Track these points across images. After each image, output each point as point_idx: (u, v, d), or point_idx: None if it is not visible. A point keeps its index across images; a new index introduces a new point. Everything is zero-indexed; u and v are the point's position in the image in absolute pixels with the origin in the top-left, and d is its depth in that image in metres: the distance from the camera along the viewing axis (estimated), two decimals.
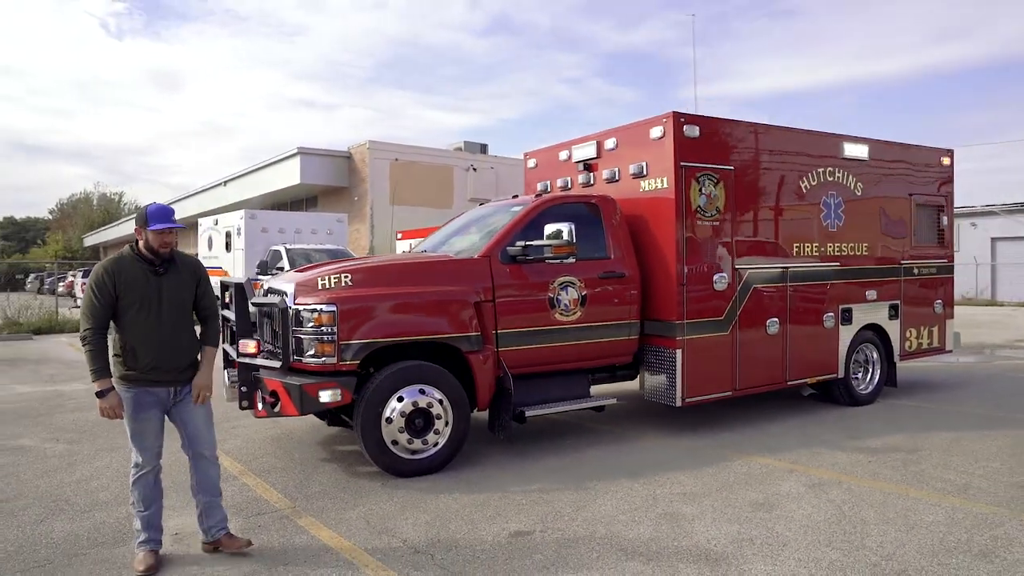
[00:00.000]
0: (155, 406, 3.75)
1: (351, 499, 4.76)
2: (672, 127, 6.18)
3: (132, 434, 3.75)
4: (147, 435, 3.75)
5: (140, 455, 3.75)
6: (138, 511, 3.75)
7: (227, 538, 3.90)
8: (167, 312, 3.74)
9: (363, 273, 5.42)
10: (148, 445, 3.75)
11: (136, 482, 3.74)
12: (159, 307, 3.72)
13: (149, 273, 3.72)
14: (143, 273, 3.71)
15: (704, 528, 4.15)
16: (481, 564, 3.70)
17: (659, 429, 6.71)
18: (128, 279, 3.67)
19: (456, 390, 5.35)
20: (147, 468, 3.75)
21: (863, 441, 6.13)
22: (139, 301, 3.67)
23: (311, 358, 5.08)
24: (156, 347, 3.69)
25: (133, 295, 3.66)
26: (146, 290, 3.69)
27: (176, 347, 3.77)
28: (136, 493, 3.74)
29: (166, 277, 3.77)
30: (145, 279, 3.71)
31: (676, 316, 6.21)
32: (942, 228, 8.40)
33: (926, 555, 3.73)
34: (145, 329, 3.68)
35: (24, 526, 4.32)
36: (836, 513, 4.38)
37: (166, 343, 3.72)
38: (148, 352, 3.68)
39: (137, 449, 3.75)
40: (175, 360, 3.77)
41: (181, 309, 3.83)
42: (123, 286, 3.66)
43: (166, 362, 3.73)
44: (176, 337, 3.78)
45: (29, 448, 6.21)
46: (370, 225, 25.28)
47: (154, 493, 3.79)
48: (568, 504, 4.60)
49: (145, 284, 3.70)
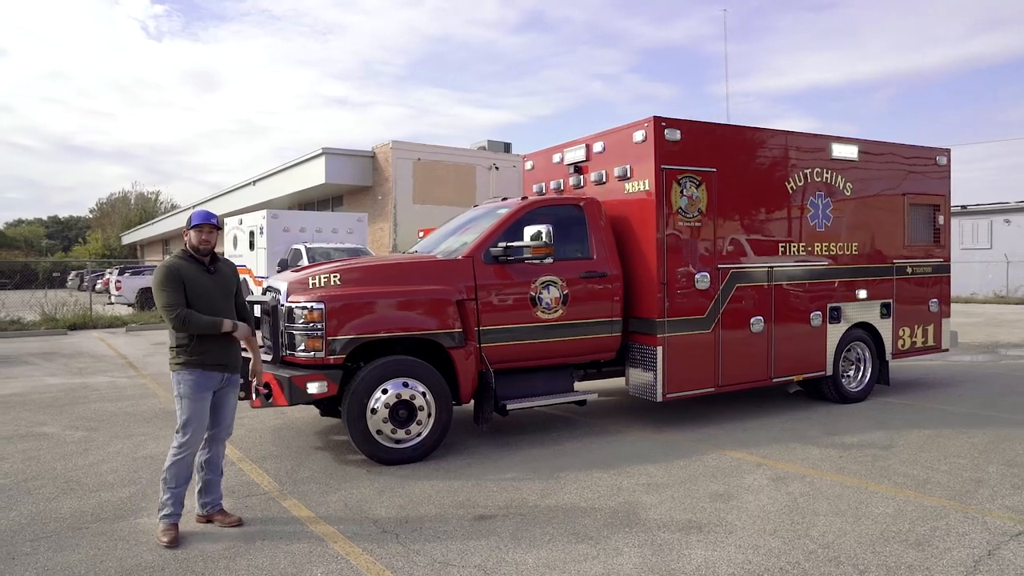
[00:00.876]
0: (211, 389, 4.19)
1: (335, 484, 5.10)
2: (653, 131, 6.38)
3: (190, 414, 4.10)
4: (202, 416, 4.15)
5: (191, 435, 4.10)
6: (170, 487, 4.08)
7: (220, 514, 4.32)
8: (222, 304, 4.24)
9: (351, 273, 5.75)
10: (200, 427, 4.15)
11: (179, 461, 4.09)
12: (216, 300, 4.20)
13: (203, 271, 4.21)
14: (198, 271, 4.19)
15: (658, 516, 4.38)
16: (439, 543, 3.99)
17: (643, 424, 6.92)
18: (189, 275, 4.14)
19: (439, 383, 5.65)
20: (193, 448, 4.15)
21: (840, 437, 6.27)
22: (199, 295, 4.13)
23: (301, 352, 5.44)
24: (217, 336, 4.15)
25: (193, 288, 4.12)
26: (204, 286, 4.16)
27: (231, 338, 4.24)
28: (173, 471, 4.09)
29: (216, 276, 4.27)
30: (201, 276, 4.19)
31: (657, 314, 6.42)
32: (938, 227, 8.42)
33: (863, 544, 3.91)
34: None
35: (38, 502, 4.75)
36: (790, 504, 4.57)
37: (225, 334, 4.18)
38: (211, 340, 4.14)
39: (191, 429, 4.09)
40: (232, 347, 4.27)
41: (231, 302, 4.35)
42: (187, 280, 4.11)
43: (225, 348, 4.22)
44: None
45: (51, 435, 6.70)
46: (393, 223, 25.77)
47: (189, 473, 4.19)
48: (535, 492, 4.87)
49: (200, 281, 4.17)
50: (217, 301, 4.22)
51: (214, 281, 4.25)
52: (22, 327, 16.51)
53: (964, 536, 3.99)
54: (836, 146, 7.55)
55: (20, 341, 15.12)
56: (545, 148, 8.18)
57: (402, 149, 25.95)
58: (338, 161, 26.18)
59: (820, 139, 7.49)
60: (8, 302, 17.34)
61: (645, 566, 3.66)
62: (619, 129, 6.86)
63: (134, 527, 4.29)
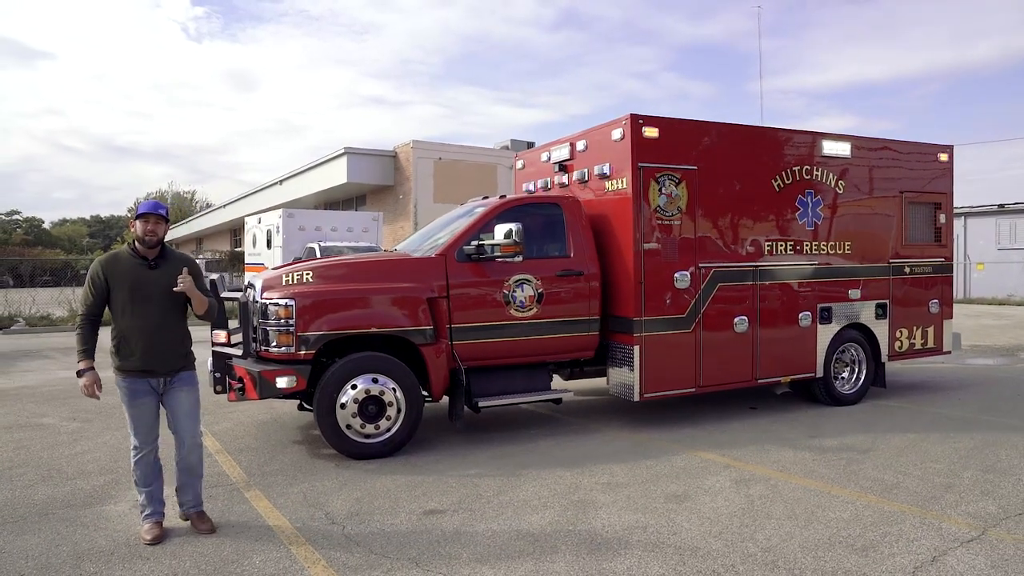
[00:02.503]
0: (149, 394, 4.04)
1: (301, 476, 5.20)
2: (630, 129, 6.35)
3: (129, 419, 4.06)
4: (143, 420, 4.04)
5: (137, 438, 4.05)
6: (140, 488, 4.06)
7: (196, 517, 4.18)
8: (158, 305, 3.98)
9: (324, 270, 5.85)
10: (144, 429, 4.05)
11: (137, 463, 4.05)
12: (150, 300, 3.95)
13: (142, 267, 3.98)
14: (136, 267, 3.97)
15: (607, 516, 4.37)
16: (382, 536, 4.05)
17: (623, 423, 6.89)
18: (120, 272, 3.94)
19: (409, 380, 5.72)
20: (145, 450, 4.06)
21: (820, 440, 6.15)
22: (131, 294, 3.92)
23: (274, 348, 5.56)
24: (147, 338, 3.95)
25: (124, 288, 3.91)
26: (138, 283, 3.93)
27: (167, 339, 4.03)
28: (137, 473, 4.06)
29: (158, 271, 4.00)
30: (137, 273, 3.96)
31: (634, 313, 6.39)
32: (939, 226, 8.19)
33: (807, 549, 3.84)
34: (136, 321, 3.94)
35: (16, 489, 4.95)
36: (745, 507, 4.51)
37: (157, 334, 3.98)
38: (140, 343, 3.94)
39: (134, 433, 4.05)
40: (166, 351, 4.03)
41: (173, 302, 4.05)
42: (115, 279, 3.93)
43: (157, 353, 3.99)
44: (167, 329, 4.03)
45: (48, 425, 6.96)
46: (413, 223, 25.98)
47: (154, 471, 4.10)
48: (492, 488, 4.89)
49: (137, 277, 3.94)
50: (152, 299, 3.97)
51: (155, 276, 3.98)
52: (51, 323, 17.13)
53: (913, 542, 3.90)
54: (827, 143, 7.39)
55: (46, 336, 15.70)
56: (535, 148, 8.20)
57: (423, 149, 26.17)
58: (360, 161, 26.52)
59: (809, 136, 7.35)
60: (39, 298, 17.98)
61: (576, 565, 3.66)
62: (600, 127, 6.84)
63: (99, 514, 4.44)
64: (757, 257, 7.01)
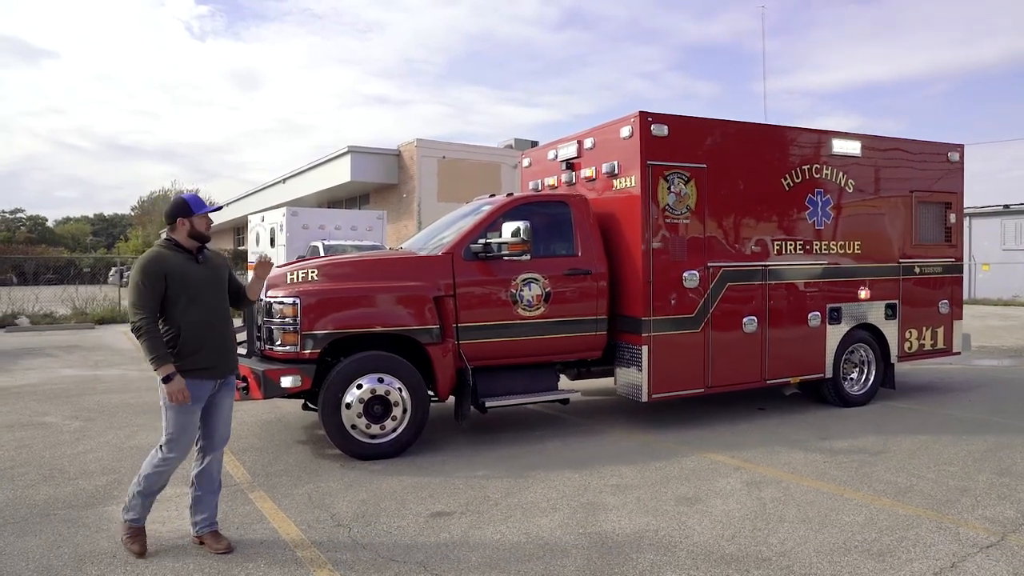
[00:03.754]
0: (202, 399, 3.74)
1: (306, 477, 5.14)
2: (639, 126, 6.27)
3: (177, 427, 3.67)
4: (192, 429, 3.74)
5: (178, 448, 3.70)
6: (145, 497, 3.76)
7: (212, 536, 3.84)
8: (214, 300, 3.78)
9: (329, 268, 5.78)
10: (189, 439, 3.74)
11: (161, 474, 3.73)
12: (206, 296, 3.74)
13: (192, 263, 3.75)
14: (186, 263, 3.73)
15: (617, 518, 4.30)
16: (389, 538, 3.98)
17: (630, 424, 6.81)
18: (174, 269, 3.66)
19: (415, 380, 5.65)
20: (176, 464, 3.75)
21: (831, 442, 6.07)
22: (187, 291, 3.66)
23: (279, 347, 5.49)
24: (208, 336, 3.71)
25: (180, 286, 3.65)
26: (192, 280, 3.69)
27: (225, 334, 3.84)
28: (152, 481, 3.73)
29: (205, 266, 3.81)
30: (189, 269, 3.71)
31: (643, 313, 6.31)
32: (949, 226, 8.10)
33: (822, 553, 3.77)
34: (196, 318, 3.68)
35: (17, 489, 4.89)
36: (757, 510, 4.43)
37: (217, 331, 3.77)
38: (200, 341, 3.68)
39: (177, 441, 3.69)
40: (226, 347, 3.82)
41: (223, 296, 3.87)
42: (172, 276, 3.64)
43: (218, 349, 3.76)
44: (224, 324, 3.85)
45: (51, 424, 6.90)
46: (417, 221, 25.92)
47: (164, 483, 3.83)
48: (500, 490, 4.82)
49: (190, 274, 3.70)
50: (208, 294, 3.76)
51: (203, 272, 3.78)
52: (53, 320, 17.09)
53: (931, 547, 3.82)
54: (837, 142, 7.31)
55: (49, 334, 15.65)
56: (541, 146, 8.12)
57: (426, 147, 26.10)
58: (363, 159, 26.46)
59: (819, 134, 7.27)
60: (42, 296, 17.94)
61: (587, 570, 3.59)
62: (608, 125, 6.76)
63: (100, 515, 4.38)
64: (766, 256, 6.93)
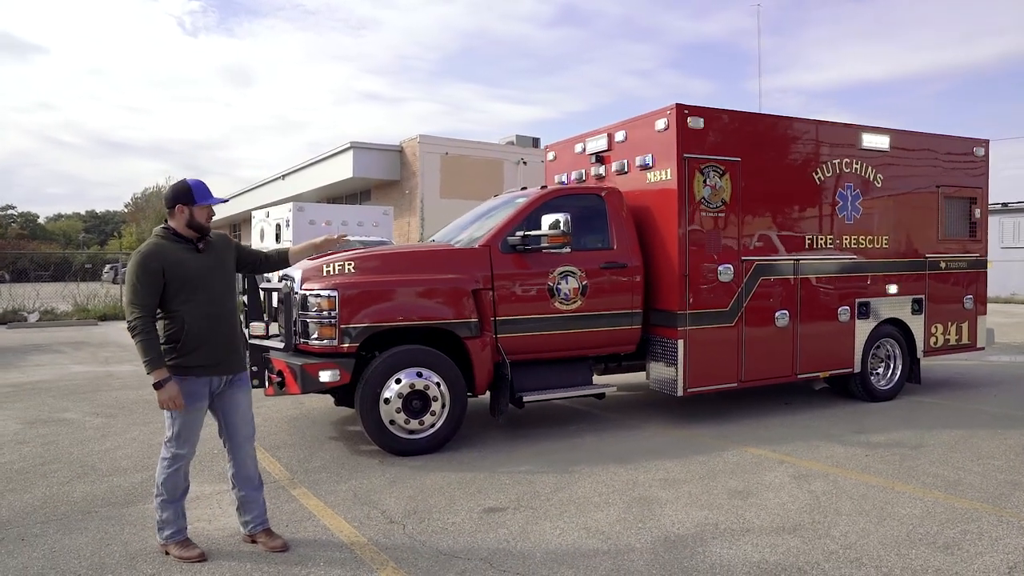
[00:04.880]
0: (205, 397, 3.60)
1: (346, 473, 5.05)
2: (675, 119, 6.21)
3: (181, 426, 3.54)
4: (195, 427, 3.61)
5: (184, 447, 3.58)
6: (170, 501, 3.60)
7: (265, 535, 3.74)
8: (217, 292, 3.60)
9: (366, 261, 5.70)
10: (194, 437, 3.62)
11: (174, 474, 3.58)
12: (208, 288, 3.55)
13: (192, 253, 3.56)
14: (186, 253, 3.54)
15: (673, 512, 4.24)
16: (446, 535, 3.91)
17: (662, 419, 6.77)
18: (173, 261, 3.48)
19: (453, 374, 5.57)
20: (184, 461, 3.61)
21: (867, 436, 6.04)
22: (187, 284, 3.48)
23: (315, 340, 5.40)
24: (211, 331, 3.54)
25: (180, 278, 3.47)
26: (192, 271, 3.51)
27: (231, 328, 3.66)
28: (169, 484, 3.58)
29: (207, 255, 3.61)
30: (189, 260, 3.53)
31: (678, 307, 6.26)
32: (974, 222, 8.09)
33: (888, 546, 3.73)
34: (197, 312, 3.50)
35: (52, 486, 4.78)
36: (811, 503, 4.39)
37: (221, 325, 3.59)
38: (203, 337, 3.51)
39: (182, 441, 3.57)
40: (230, 342, 3.64)
41: (228, 286, 3.68)
42: (170, 268, 3.46)
43: (222, 345, 3.59)
44: (229, 318, 3.67)
45: (72, 420, 6.78)
46: (420, 218, 25.79)
47: (186, 483, 3.68)
48: (548, 485, 4.76)
49: (190, 265, 3.52)
50: (210, 285, 3.58)
51: (205, 262, 3.59)
52: (55, 317, 16.88)
53: (997, 541, 3.79)
54: (867, 136, 7.28)
55: (52, 330, 15.46)
56: (567, 138, 8.05)
57: (429, 143, 25.96)
58: (366, 155, 26.29)
59: (850, 129, 7.24)
60: (43, 293, 17.73)
61: (657, 563, 3.54)
62: (641, 117, 6.70)
63: (142, 512, 4.27)
64: (798, 250, 6.89)
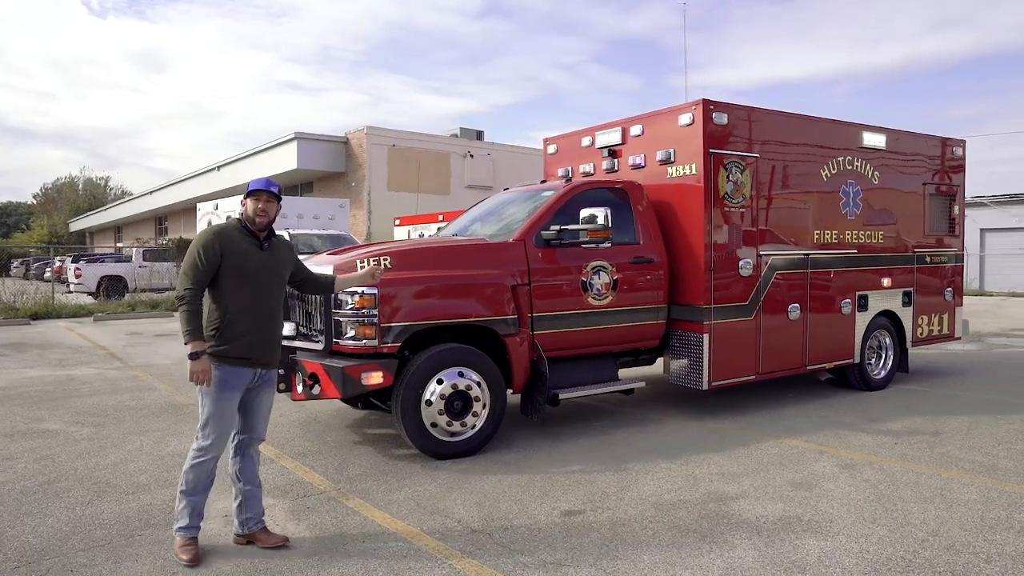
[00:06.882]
0: (240, 388, 3.60)
1: (394, 481, 4.80)
2: (701, 114, 6.23)
3: (212, 414, 3.55)
4: (227, 417, 3.59)
5: (212, 438, 3.56)
6: (189, 496, 3.57)
7: (263, 533, 3.74)
8: (268, 287, 3.66)
9: (401, 256, 5.43)
10: (225, 429, 3.60)
11: (197, 467, 3.57)
12: (260, 284, 3.62)
13: (254, 247, 3.64)
14: (249, 246, 3.63)
15: (749, 506, 4.24)
16: (541, 542, 3.76)
17: (680, 412, 6.81)
18: (235, 248, 3.57)
19: (493, 373, 5.39)
20: (214, 453, 3.59)
21: (884, 424, 6.26)
22: (241, 274, 3.56)
23: (350, 340, 5.10)
24: (254, 321, 3.58)
25: (236, 264, 3.55)
26: (250, 266, 3.59)
27: (273, 325, 3.70)
28: (192, 477, 3.56)
29: (267, 253, 3.68)
30: (250, 254, 3.61)
31: (703, 301, 6.29)
32: (953, 217, 8.55)
33: (971, 532, 3.85)
34: (245, 301, 3.57)
35: (74, 507, 4.31)
36: (873, 492, 4.49)
37: (264, 318, 3.63)
38: (244, 328, 3.55)
39: (212, 431, 3.56)
40: (271, 337, 3.69)
41: (280, 288, 3.78)
42: (230, 254, 3.55)
43: (262, 338, 3.62)
44: (274, 314, 3.71)
45: (56, 431, 6.17)
46: (367, 211, 25.16)
47: (210, 479, 3.64)
48: (611, 484, 4.67)
49: (249, 258, 3.60)
50: (266, 282, 3.65)
51: (266, 259, 3.66)
52: None
53: None
54: (866, 134, 7.55)
55: None
56: (569, 132, 7.96)
57: (376, 135, 25.34)
58: (311, 146, 25.40)
59: (852, 127, 7.48)
60: None
61: (765, 559, 3.51)
62: (661, 112, 6.69)
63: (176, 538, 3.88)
64: (808, 245, 7.07)
